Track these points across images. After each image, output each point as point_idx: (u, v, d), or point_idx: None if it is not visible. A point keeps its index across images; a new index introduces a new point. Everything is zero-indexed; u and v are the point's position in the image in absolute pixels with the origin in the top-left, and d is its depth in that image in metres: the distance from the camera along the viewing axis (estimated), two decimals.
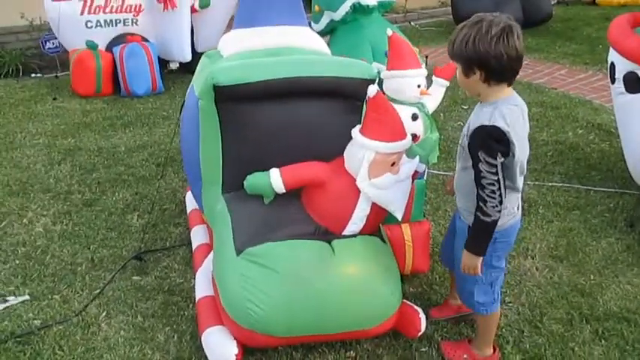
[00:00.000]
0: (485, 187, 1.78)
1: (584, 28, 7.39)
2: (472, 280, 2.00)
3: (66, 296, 2.53)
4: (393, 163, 1.97)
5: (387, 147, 1.94)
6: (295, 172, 2.09)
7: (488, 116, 1.77)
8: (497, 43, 1.71)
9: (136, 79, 5.13)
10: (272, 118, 2.14)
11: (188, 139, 2.42)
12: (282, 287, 1.89)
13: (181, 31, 5.26)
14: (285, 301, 1.88)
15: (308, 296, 1.88)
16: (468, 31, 1.75)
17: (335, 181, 2.05)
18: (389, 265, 2.08)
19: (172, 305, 2.46)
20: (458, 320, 2.36)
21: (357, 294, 1.93)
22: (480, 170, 1.77)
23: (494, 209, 1.80)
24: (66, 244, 2.92)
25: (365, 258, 2.01)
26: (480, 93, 1.85)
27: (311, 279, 1.89)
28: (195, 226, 2.80)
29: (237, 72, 2.08)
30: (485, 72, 1.77)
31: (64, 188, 3.48)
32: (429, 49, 6.55)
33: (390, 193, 1.98)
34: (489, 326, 2.15)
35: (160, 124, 4.55)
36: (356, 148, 2.00)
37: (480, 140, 1.78)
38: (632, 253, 2.81)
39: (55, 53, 5.64)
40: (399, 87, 2.58)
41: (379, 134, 1.94)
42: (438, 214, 3.18)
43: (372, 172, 1.95)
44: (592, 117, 4.53)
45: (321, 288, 1.89)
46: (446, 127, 4.33)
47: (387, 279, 2.03)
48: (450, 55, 1.84)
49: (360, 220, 2.03)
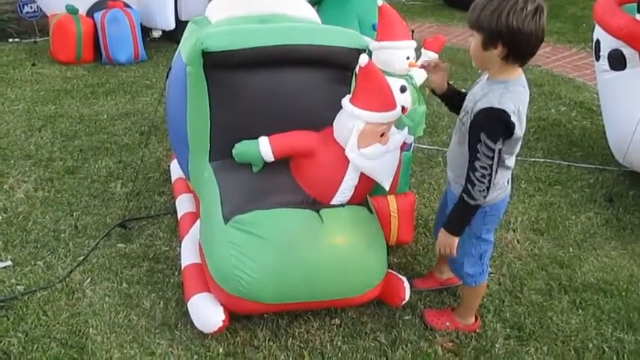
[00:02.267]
0: (478, 169, 1.75)
1: (569, 7, 7.41)
2: (462, 252, 2.03)
3: (49, 262, 2.51)
4: (382, 133, 1.97)
5: (377, 117, 1.94)
6: (284, 140, 2.08)
7: (498, 97, 1.73)
8: (530, 21, 1.65)
9: (118, 46, 5.02)
10: (261, 86, 2.11)
11: (174, 107, 2.39)
12: (270, 255, 1.90)
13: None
14: (273, 268, 1.89)
15: (296, 264, 1.90)
16: (502, 3, 1.66)
17: (324, 151, 2.05)
18: (376, 234, 2.10)
19: (158, 272, 2.46)
20: (440, 290, 2.41)
21: (345, 262, 1.95)
22: (477, 151, 1.74)
23: (481, 193, 1.79)
24: (48, 210, 2.88)
25: (352, 227, 2.02)
26: (492, 68, 1.80)
27: (299, 247, 1.90)
28: (180, 194, 2.78)
29: (226, 38, 2.04)
30: (509, 48, 1.70)
31: (45, 155, 3.43)
32: (415, 23, 6.52)
33: (378, 164, 1.98)
34: (475, 297, 2.20)
35: (143, 92, 4.48)
36: (346, 117, 1.99)
37: (486, 122, 1.74)
38: (610, 227, 2.88)
39: (34, 18, 5.49)
40: (388, 58, 2.58)
41: (369, 104, 1.94)
42: (423, 187, 3.21)
43: (362, 141, 1.95)
44: (574, 95, 4.58)
45: (309, 256, 1.90)
46: (431, 102, 4.32)
47: (373, 248, 2.05)
48: (473, 24, 1.74)
49: (348, 190, 2.04)
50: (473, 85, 1.96)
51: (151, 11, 5.26)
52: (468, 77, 4.94)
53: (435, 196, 3.13)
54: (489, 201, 1.92)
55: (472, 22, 1.75)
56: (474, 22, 1.74)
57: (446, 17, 6.99)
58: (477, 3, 1.73)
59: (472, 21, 1.75)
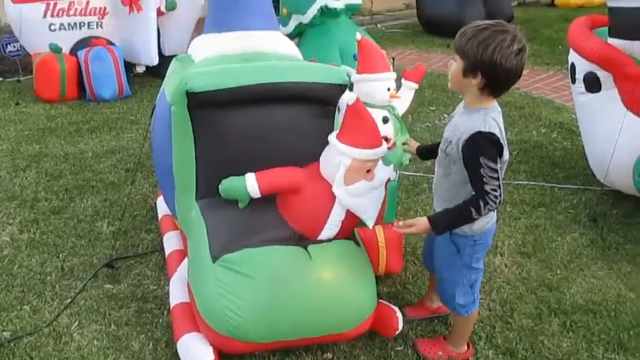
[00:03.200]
0: (489, 192, 1.77)
1: (544, 30, 7.59)
2: (453, 282, 2.04)
3: (36, 306, 2.48)
4: (368, 170, 1.99)
5: (363, 153, 1.96)
6: (271, 176, 2.09)
7: (482, 122, 1.78)
8: (513, 59, 1.71)
9: (102, 82, 5.03)
10: (245, 124, 2.13)
11: (160, 146, 2.40)
12: (259, 293, 1.89)
13: (148, 34, 5.17)
14: (262, 306, 1.89)
15: (285, 302, 1.89)
16: (490, 37, 1.71)
17: (310, 187, 2.07)
18: (364, 268, 2.10)
19: (146, 312, 2.44)
20: (431, 318, 2.41)
21: (334, 299, 1.95)
22: (482, 175, 1.76)
23: (490, 211, 1.83)
24: (34, 253, 2.85)
25: (341, 262, 2.03)
26: (466, 95, 1.85)
27: (288, 284, 1.90)
28: (167, 232, 2.77)
29: (209, 78, 2.07)
30: (487, 80, 1.76)
31: (30, 196, 3.40)
32: (396, 50, 6.63)
33: (364, 201, 2.00)
34: (467, 326, 2.20)
35: (127, 128, 4.48)
36: (333, 153, 2.01)
37: (481, 146, 1.77)
38: (596, 247, 2.91)
39: (17, 57, 5.50)
40: (370, 90, 2.61)
41: (356, 141, 1.96)
42: (410, 215, 3.22)
43: (348, 178, 1.97)
44: (554, 116, 4.66)
45: (298, 293, 1.90)
46: (414, 129, 4.39)
47: (362, 283, 2.05)
48: (458, 49, 1.79)
49: (335, 225, 2.05)
50: (450, 118, 2.01)
51: (134, 47, 5.30)
52: (449, 102, 5.01)
53: None
54: (478, 230, 1.94)
55: (458, 47, 1.80)
56: (460, 47, 1.79)
57: (425, 44, 7.12)
58: (467, 30, 1.79)
59: (459, 46, 1.80)
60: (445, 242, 2.02)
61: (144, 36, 5.21)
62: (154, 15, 5.16)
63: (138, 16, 5.11)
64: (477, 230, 1.94)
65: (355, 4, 4.66)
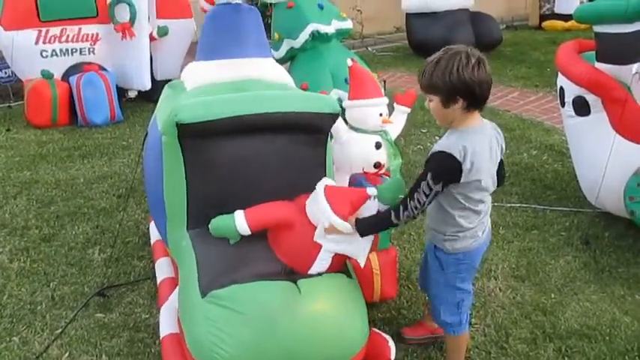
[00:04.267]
0: (414, 200, 1.87)
1: (533, 52, 7.70)
2: (440, 299, 2.09)
3: (25, 338, 2.44)
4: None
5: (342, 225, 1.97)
6: (260, 214, 2.08)
7: (447, 142, 1.87)
8: (478, 72, 1.80)
9: (94, 108, 5.05)
10: (236, 154, 2.13)
11: (152, 173, 2.39)
12: (248, 330, 1.86)
13: (140, 60, 5.21)
14: (251, 343, 1.86)
15: (275, 338, 1.86)
16: (449, 62, 1.80)
17: (301, 222, 2.05)
18: (355, 302, 2.07)
19: (138, 342, 2.41)
20: (427, 344, 2.39)
21: (324, 334, 1.92)
22: (420, 186, 1.86)
23: (407, 219, 1.91)
24: (24, 282, 2.82)
25: (331, 297, 2.00)
26: (454, 120, 1.90)
27: (277, 320, 1.87)
28: (159, 258, 2.75)
29: (200, 109, 2.07)
30: (467, 99, 1.83)
31: (21, 223, 3.37)
32: (387, 73, 6.70)
33: (349, 245, 2.00)
34: (458, 347, 2.20)
35: (119, 154, 4.47)
36: (316, 207, 2.01)
37: (433, 164, 1.87)
38: (589, 270, 2.92)
39: (8, 83, 5.51)
40: (362, 116, 2.63)
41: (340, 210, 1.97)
42: (403, 239, 3.22)
43: (328, 230, 1.98)
44: (544, 138, 4.71)
45: (288, 329, 1.87)
46: (407, 151, 4.42)
47: (353, 317, 2.02)
48: (428, 89, 1.87)
49: (325, 260, 2.03)
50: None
51: (127, 73, 5.33)
52: None
53: (415, 247, 3.14)
54: (461, 249, 1.98)
55: (426, 86, 1.88)
56: (428, 86, 1.87)
57: (416, 66, 7.18)
58: (426, 68, 1.88)
59: (426, 86, 1.88)
60: (432, 258, 2.08)
61: (137, 61, 5.24)
62: (146, 41, 5.21)
63: (131, 42, 5.15)
64: (460, 249, 1.98)
65: (346, 29, 4.72)
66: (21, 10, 4.96)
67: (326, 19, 4.38)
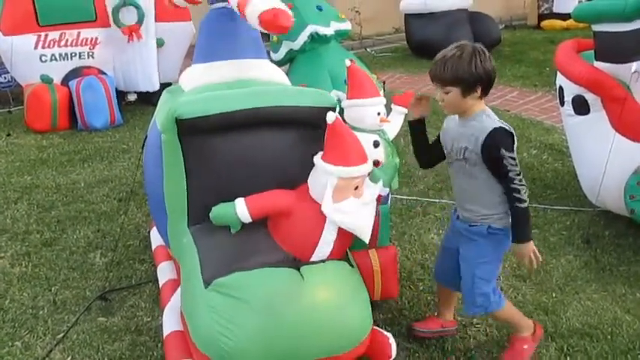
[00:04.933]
0: (514, 178, 2.00)
1: (531, 52, 7.71)
2: (489, 279, 2.18)
3: (27, 342, 2.44)
4: (356, 187, 2.00)
5: (348, 171, 1.98)
6: (261, 201, 2.10)
7: (491, 121, 2.05)
8: (491, 62, 2.03)
9: (94, 112, 5.06)
10: (235, 149, 2.15)
11: (152, 175, 2.40)
12: (252, 317, 1.88)
13: (149, 61, 5.33)
14: (256, 331, 1.87)
15: (279, 325, 1.87)
16: (472, 56, 1.99)
17: (300, 208, 2.07)
18: (358, 289, 2.09)
19: (140, 345, 2.41)
20: (432, 339, 2.40)
21: (328, 320, 1.93)
22: (505, 165, 1.99)
23: (525, 194, 2.02)
24: (26, 286, 2.82)
25: (334, 283, 2.02)
26: (468, 109, 2.07)
27: (281, 307, 1.88)
28: (161, 262, 2.75)
29: (198, 105, 2.10)
30: (484, 87, 2.03)
31: (22, 228, 3.38)
32: (386, 74, 6.71)
33: (355, 217, 2.00)
34: (511, 311, 2.29)
35: (120, 157, 4.48)
36: (319, 174, 2.03)
37: (499, 139, 2.01)
38: (590, 269, 2.92)
39: (8, 88, 5.52)
40: (360, 115, 2.64)
41: (340, 159, 1.98)
42: (404, 239, 3.23)
43: (336, 196, 1.98)
44: (544, 137, 4.71)
45: (292, 316, 1.88)
46: (407, 152, 4.41)
47: (357, 303, 2.04)
48: (450, 80, 2.02)
49: (327, 245, 2.04)
50: (444, 132, 2.26)
51: (132, 75, 5.38)
52: (440, 125, 5.04)
53: (416, 247, 3.14)
54: (504, 225, 2.13)
55: (450, 79, 2.03)
56: (452, 79, 2.03)
57: (415, 67, 7.21)
58: (445, 64, 2.02)
59: (450, 79, 2.03)
60: (482, 241, 2.15)
61: (145, 62, 5.34)
62: (154, 42, 5.29)
63: (138, 43, 5.22)
64: (507, 224, 2.12)
65: (345, 30, 4.72)
66: (20, 15, 4.98)
67: (324, 20, 4.38)
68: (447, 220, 3.40)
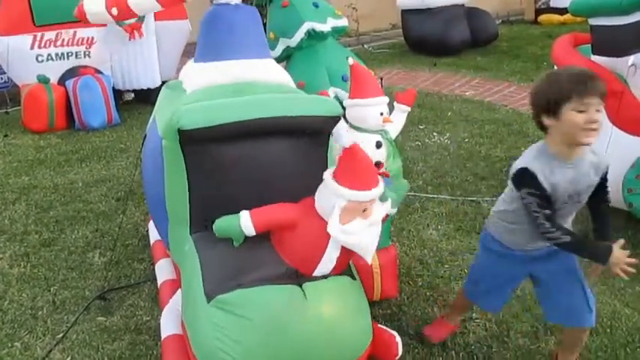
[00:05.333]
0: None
1: (529, 47, 7.71)
2: (586, 291, 2.08)
3: (27, 343, 2.44)
4: (364, 209, 1.97)
5: (360, 195, 1.92)
6: (265, 214, 2.06)
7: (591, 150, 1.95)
8: None
9: (91, 111, 5.04)
10: (239, 158, 2.10)
11: (151, 176, 2.38)
12: (255, 335, 1.86)
13: (151, 58, 5.35)
14: (258, 348, 1.85)
15: (281, 342, 1.86)
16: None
17: (305, 223, 2.03)
18: (360, 304, 2.07)
19: (140, 345, 2.41)
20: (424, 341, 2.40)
21: (331, 338, 1.91)
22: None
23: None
24: (25, 287, 2.82)
25: (336, 300, 1.99)
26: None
27: (284, 325, 1.86)
28: (159, 259, 2.74)
29: (201, 115, 2.04)
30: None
31: (20, 229, 3.37)
32: (383, 70, 6.70)
33: (360, 239, 1.98)
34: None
35: (117, 157, 4.47)
36: (327, 192, 1.99)
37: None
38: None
39: (4, 89, 5.51)
40: (362, 115, 2.62)
41: (352, 182, 1.92)
42: (402, 235, 3.23)
43: (344, 218, 1.94)
44: (541, 132, 4.68)
45: (295, 334, 1.86)
46: (404, 148, 4.42)
47: (358, 318, 2.02)
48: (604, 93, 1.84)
49: (330, 261, 2.01)
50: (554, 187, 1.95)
51: (132, 73, 5.38)
52: (438, 120, 5.06)
53: (415, 243, 3.14)
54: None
55: (604, 91, 1.82)
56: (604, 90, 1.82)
57: (412, 63, 7.20)
58: (589, 76, 1.84)
59: (604, 91, 1.82)
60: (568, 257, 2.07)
61: (147, 59, 5.36)
62: (154, 39, 5.31)
63: (139, 41, 5.26)
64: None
65: (341, 27, 4.72)
66: (15, 15, 4.96)
67: (321, 17, 4.38)
68: (445, 216, 3.41)
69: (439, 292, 2.71)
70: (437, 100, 5.67)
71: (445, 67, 6.88)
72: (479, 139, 4.59)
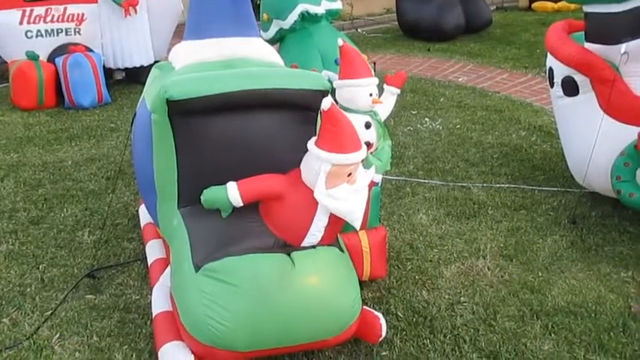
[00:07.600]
0: None
1: (522, 34, 7.70)
2: None
3: (15, 319, 2.43)
4: (349, 173, 1.99)
5: (342, 158, 1.96)
6: (252, 185, 2.08)
7: None
8: None
9: (81, 90, 4.98)
10: (227, 131, 2.12)
11: (141, 154, 2.38)
12: (242, 302, 1.88)
13: (143, 34, 5.33)
14: (246, 315, 1.87)
15: (269, 310, 1.88)
16: None
17: (292, 194, 2.06)
18: (348, 274, 2.10)
19: (129, 323, 2.41)
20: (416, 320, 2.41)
21: (318, 305, 1.94)
22: None
23: None
24: (13, 264, 2.80)
25: (324, 269, 2.02)
26: None
27: (272, 292, 1.89)
28: (149, 240, 2.75)
29: (190, 85, 2.06)
30: None
31: (9, 206, 3.35)
32: (377, 55, 6.67)
33: (347, 204, 2.00)
34: None
35: (107, 136, 4.44)
36: (312, 160, 2.01)
37: None
38: (576, 249, 2.95)
39: None
40: (352, 96, 2.62)
41: (335, 146, 1.96)
42: (393, 219, 3.24)
43: (329, 183, 1.97)
44: (533, 119, 4.73)
45: (282, 301, 1.89)
46: (396, 132, 4.42)
47: (346, 289, 2.05)
48: None
49: (318, 231, 2.04)
50: None
51: (125, 50, 5.34)
52: (431, 106, 5.06)
53: (405, 227, 3.16)
54: None
55: None
56: None
57: (406, 48, 7.17)
58: None
59: None
60: None
61: (140, 36, 5.33)
62: (146, 16, 5.34)
63: (132, 18, 5.23)
64: None
65: (336, 9, 4.69)
66: None
67: None
68: (435, 201, 3.43)
69: (428, 276, 2.73)
70: (430, 86, 5.66)
71: (439, 53, 6.86)
72: (470, 125, 4.60)
